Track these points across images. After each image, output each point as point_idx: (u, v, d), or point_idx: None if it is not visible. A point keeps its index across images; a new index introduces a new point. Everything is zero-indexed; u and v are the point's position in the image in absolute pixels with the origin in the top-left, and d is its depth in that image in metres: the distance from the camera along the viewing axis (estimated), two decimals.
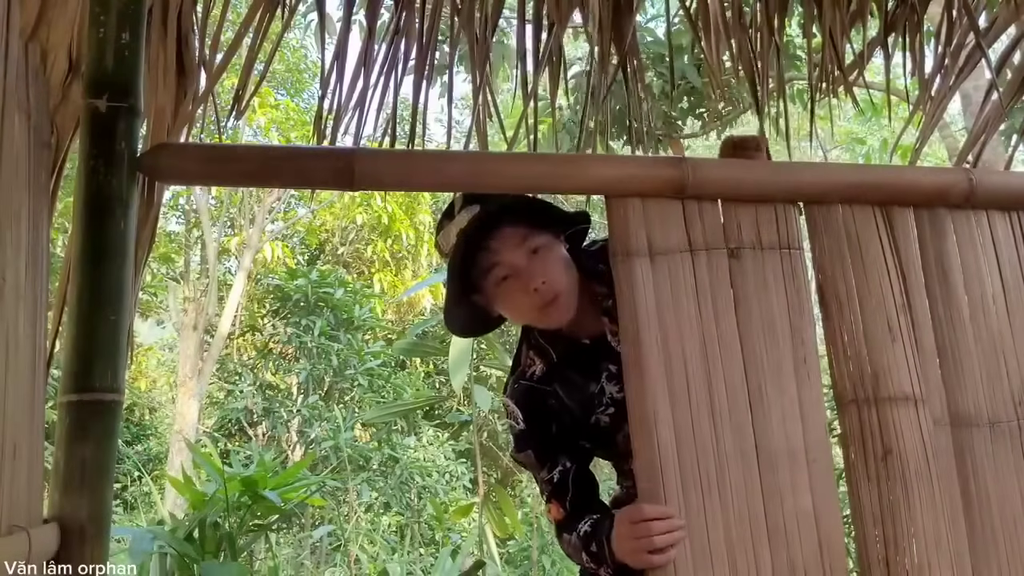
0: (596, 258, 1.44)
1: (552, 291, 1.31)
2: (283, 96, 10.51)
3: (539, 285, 1.30)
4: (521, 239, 1.32)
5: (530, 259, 1.32)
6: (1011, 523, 1.25)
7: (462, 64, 4.15)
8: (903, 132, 2.88)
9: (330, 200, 10.12)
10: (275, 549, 5.94)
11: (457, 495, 7.91)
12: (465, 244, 1.32)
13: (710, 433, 1.19)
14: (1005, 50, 1.99)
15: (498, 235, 1.31)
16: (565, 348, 1.41)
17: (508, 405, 1.44)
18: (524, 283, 1.30)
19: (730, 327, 1.23)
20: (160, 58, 1.35)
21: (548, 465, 1.37)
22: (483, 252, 1.32)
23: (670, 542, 1.13)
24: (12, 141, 0.95)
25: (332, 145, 1.71)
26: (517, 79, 1.82)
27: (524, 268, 1.31)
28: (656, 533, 1.12)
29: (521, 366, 1.45)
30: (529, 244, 1.32)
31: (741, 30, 1.88)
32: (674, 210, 1.26)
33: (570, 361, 1.41)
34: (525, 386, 1.42)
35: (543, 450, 1.39)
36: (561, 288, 1.32)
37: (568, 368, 1.41)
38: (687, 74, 5.18)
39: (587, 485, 1.37)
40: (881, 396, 1.24)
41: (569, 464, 1.36)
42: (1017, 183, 1.43)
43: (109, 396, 1.03)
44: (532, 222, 1.34)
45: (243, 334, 9.85)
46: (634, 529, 1.14)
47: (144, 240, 1.29)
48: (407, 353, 6.94)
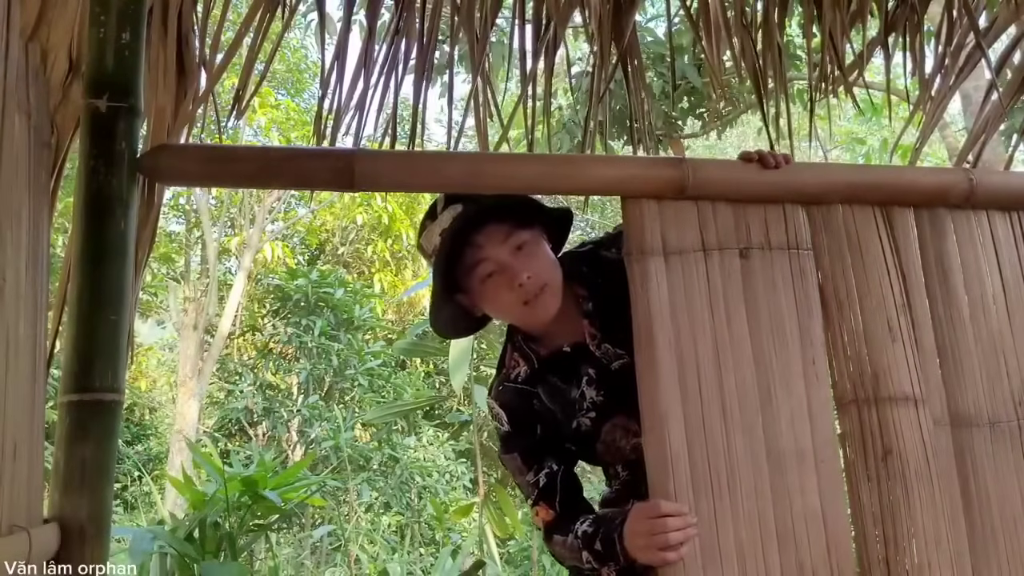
0: (580, 260, 1.43)
1: (537, 285, 1.30)
2: (283, 96, 10.51)
3: (524, 280, 1.29)
4: (505, 235, 1.31)
5: (515, 255, 1.31)
6: (1011, 523, 1.25)
7: (462, 64, 4.16)
8: (903, 132, 2.89)
9: (330, 200, 10.12)
10: (275, 549, 5.94)
11: (457, 495, 7.91)
12: (451, 241, 1.31)
13: (721, 433, 1.19)
14: (1005, 50, 1.98)
15: (483, 231, 1.31)
16: (546, 354, 1.41)
17: (493, 407, 1.43)
18: (509, 279, 1.30)
19: (741, 328, 1.23)
20: (160, 58, 1.35)
21: (535, 468, 1.36)
22: (468, 248, 1.31)
23: (683, 539, 1.13)
24: (12, 141, 0.95)
25: (332, 145, 1.71)
26: (515, 78, 1.82)
27: (509, 264, 1.30)
28: (672, 529, 1.13)
29: (506, 368, 1.44)
30: (514, 240, 1.32)
31: (742, 30, 1.88)
32: (688, 210, 1.27)
33: (551, 367, 1.41)
34: (510, 388, 1.42)
35: (528, 452, 1.38)
36: (546, 280, 1.32)
37: (549, 373, 1.41)
38: (687, 74, 5.18)
39: (574, 487, 1.37)
40: (881, 396, 1.24)
41: (556, 466, 1.35)
42: (1017, 183, 1.43)
43: (109, 396, 1.03)
44: (516, 219, 1.33)
45: (243, 334, 9.85)
46: (651, 525, 1.14)
47: (144, 240, 1.29)
48: (407, 353, 6.93)
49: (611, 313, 1.35)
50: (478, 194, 1.31)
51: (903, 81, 4.22)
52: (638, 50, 1.94)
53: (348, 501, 7.17)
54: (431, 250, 1.36)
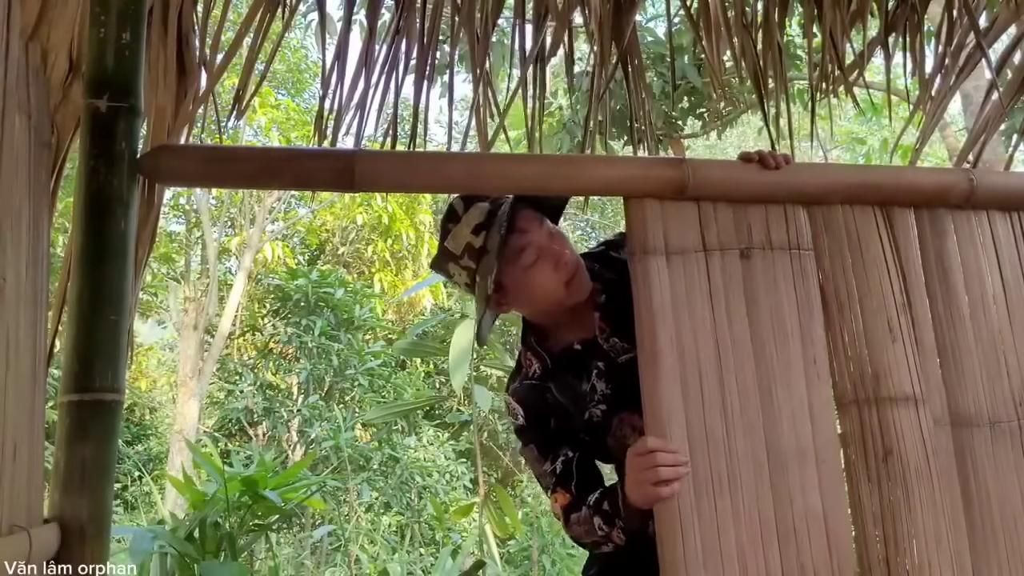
0: (594, 259, 1.50)
1: (573, 265, 1.39)
2: (284, 96, 10.51)
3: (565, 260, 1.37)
4: (540, 222, 1.41)
5: (552, 239, 1.40)
6: (1011, 522, 1.25)
7: (462, 64, 4.16)
8: (903, 132, 2.89)
9: (330, 200, 10.12)
10: (275, 549, 5.94)
11: (457, 495, 7.90)
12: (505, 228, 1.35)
13: (722, 433, 1.19)
14: (1005, 50, 1.98)
15: (522, 217, 1.39)
16: (558, 352, 1.46)
17: (510, 403, 1.48)
18: (554, 261, 1.37)
19: (742, 327, 1.24)
20: (160, 58, 1.35)
21: (551, 456, 1.40)
22: (513, 235, 1.38)
23: (674, 475, 1.14)
24: (12, 141, 0.95)
25: (333, 146, 1.71)
26: (514, 78, 1.82)
27: (550, 247, 1.38)
28: (661, 464, 1.14)
29: (523, 368, 1.50)
30: (547, 227, 1.41)
31: (742, 30, 1.88)
32: (690, 211, 1.27)
33: (563, 364, 1.46)
34: (526, 384, 1.47)
35: (544, 442, 1.42)
36: (578, 261, 1.40)
37: (561, 370, 1.46)
38: (687, 74, 5.18)
39: (591, 472, 1.40)
40: (881, 396, 1.25)
41: (571, 453, 1.39)
42: (1017, 183, 1.43)
43: (109, 396, 1.03)
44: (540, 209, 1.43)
45: (243, 334, 9.85)
46: (640, 461, 1.16)
47: (144, 240, 1.29)
48: (407, 353, 6.94)
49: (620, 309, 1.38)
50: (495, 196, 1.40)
51: (903, 81, 4.22)
52: (638, 50, 1.94)
53: (348, 501, 7.17)
54: (460, 251, 1.39)
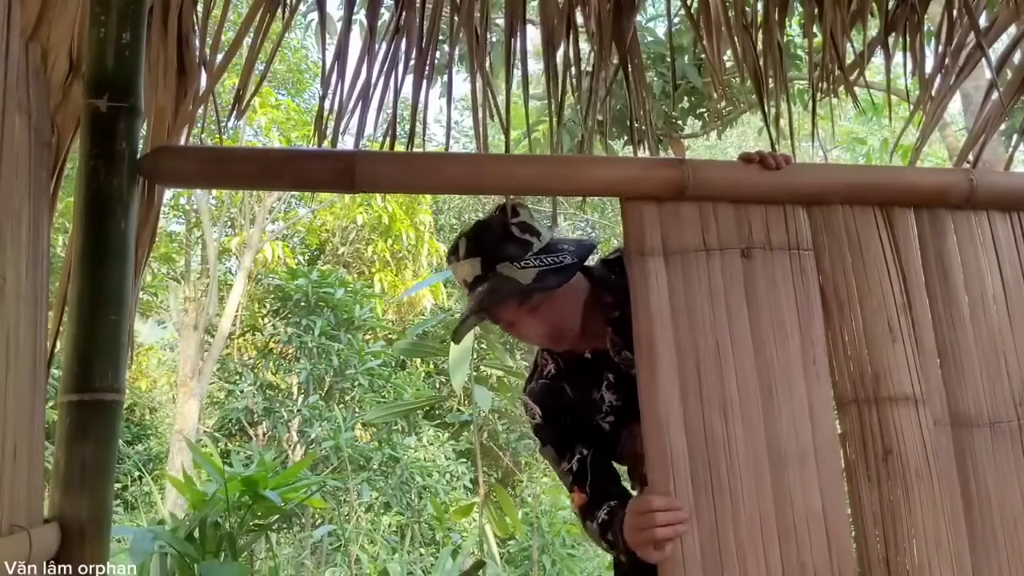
0: (610, 266, 1.49)
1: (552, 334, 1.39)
2: (284, 96, 10.50)
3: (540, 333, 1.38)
4: (517, 305, 1.37)
5: (532, 314, 1.37)
6: (1011, 523, 1.25)
7: (462, 64, 4.15)
8: (903, 132, 2.89)
9: (330, 200, 10.11)
10: (275, 549, 5.94)
11: (457, 495, 7.90)
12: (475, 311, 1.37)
13: (722, 433, 1.19)
14: (1005, 50, 1.98)
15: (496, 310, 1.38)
16: (570, 359, 1.49)
17: (527, 403, 1.51)
18: (524, 332, 1.40)
19: (742, 327, 1.24)
20: (160, 58, 1.35)
21: (567, 455, 1.42)
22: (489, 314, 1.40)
23: (672, 535, 1.14)
24: (12, 141, 0.95)
25: (333, 146, 1.71)
26: (516, 78, 1.82)
27: (524, 322, 1.38)
28: (658, 524, 1.14)
29: (539, 367, 1.53)
30: (526, 307, 1.37)
31: (742, 30, 1.87)
32: (689, 211, 1.27)
33: (574, 369, 1.48)
34: (542, 384, 1.50)
35: (560, 441, 1.45)
36: (560, 327, 1.39)
37: (573, 373, 1.48)
38: (687, 74, 5.18)
39: (606, 470, 1.42)
40: (881, 396, 1.25)
41: (586, 451, 1.41)
42: (1017, 183, 1.43)
43: (109, 396, 1.03)
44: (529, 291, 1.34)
45: (243, 334, 9.84)
46: (639, 520, 1.16)
47: (144, 240, 1.29)
48: (407, 353, 6.93)
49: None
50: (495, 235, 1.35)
51: (903, 81, 4.23)
52: (638, 50, 1.94)
53: (348, 501, 7.17)
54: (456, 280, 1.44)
